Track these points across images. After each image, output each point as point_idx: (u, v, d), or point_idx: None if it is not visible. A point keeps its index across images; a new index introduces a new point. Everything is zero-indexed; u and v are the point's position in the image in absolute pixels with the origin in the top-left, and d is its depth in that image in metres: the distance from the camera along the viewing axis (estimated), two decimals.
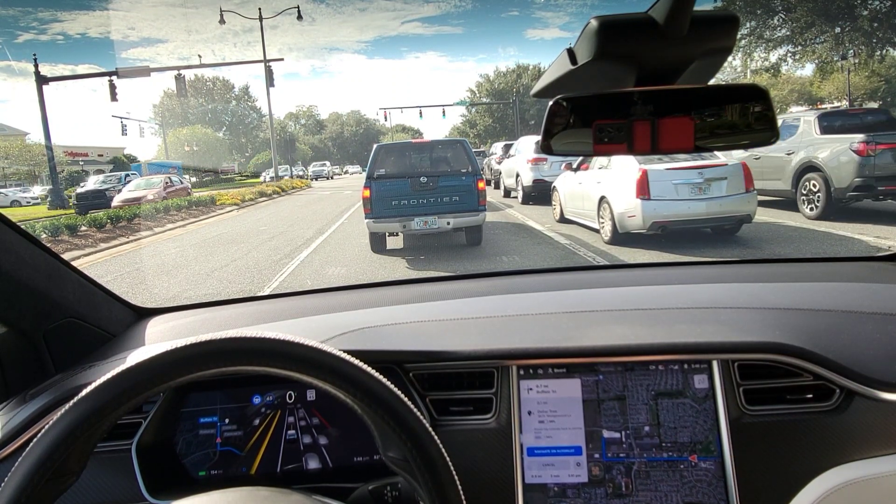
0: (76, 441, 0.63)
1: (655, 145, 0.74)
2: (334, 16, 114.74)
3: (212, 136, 58.33)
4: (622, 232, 7.18)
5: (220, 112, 68.42)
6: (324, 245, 9.36)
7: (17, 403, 1.06)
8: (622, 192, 7.06)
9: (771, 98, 0.75)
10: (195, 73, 67.16)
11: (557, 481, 0.98)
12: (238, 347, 0.67)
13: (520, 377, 1.02)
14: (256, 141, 68.05)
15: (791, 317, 1.08)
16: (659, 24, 0.65)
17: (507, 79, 63.79)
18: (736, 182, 6.81)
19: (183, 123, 60.73)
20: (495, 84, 64.72)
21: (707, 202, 6.71)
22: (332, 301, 1.40)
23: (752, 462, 0.96)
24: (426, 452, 0.68)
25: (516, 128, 52.15)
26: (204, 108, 66.94)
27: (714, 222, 6.94)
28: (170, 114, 63.23)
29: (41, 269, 1.10)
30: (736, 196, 6.79)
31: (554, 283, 1.44)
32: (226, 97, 69.29)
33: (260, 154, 61.09)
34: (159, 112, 63.23)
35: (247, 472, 1.05)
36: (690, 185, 6.74)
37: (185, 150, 52.67)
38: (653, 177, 6.74)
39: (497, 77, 65.19)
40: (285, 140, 69.47)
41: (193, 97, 66.38)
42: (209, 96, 68.24)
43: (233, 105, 69.08)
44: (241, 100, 68.42)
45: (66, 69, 76.98)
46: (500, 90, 63.55)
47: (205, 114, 66.32)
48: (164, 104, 64.90)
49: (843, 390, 0.98)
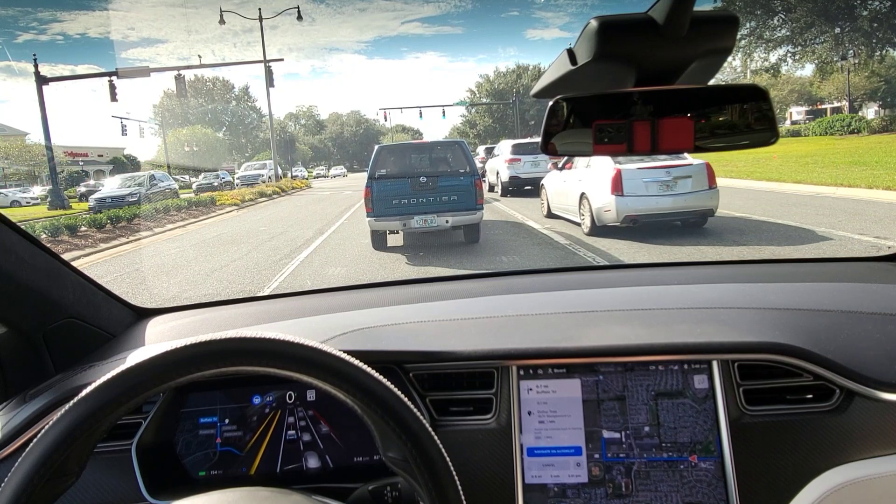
0: (76, 441, 0.63)
1: (655, 145, 0.74)
2: (334, 16, 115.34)
3: (212, 137, 58.24)
4: (599, 225, 8.03)
5: (220, 112, 68.49)
6: (323, 246, 9.36)
7: (17, 403, 1.06)
8: (599, 189, 7.89)
9: (771, 98, 0.75)
10: (195, 74, 67.17)
11: (557, 481, 0.98)
12: (237, 348, 0.67)
13: (520, 377, 1.02)
14: (256, 141, 68.04)
15: (791, 317, 1.08)
16: (659, 25, 0.66)
17: (507, 79, 63.87)
18: (700, 180, 7.60)
19: (183, 124, 60.66)
20: (495, 84, 64.80)
21: (674, 198, 7.55)
22: (332, 301, 1.40)
23: (752, 462, 0.96)
24: (426, 453, 0.68)
25: (516, 128, 52.16)
26: (204, 108, 66.97)
27: (680, 216, 7.76)
28: (170, 114, 63.24)
29: (41, 270, 1.10)
30: (700, 192, 7.60)
31: (554, 284, 1.44)
32: (226, 97, 69.40)
33: (260, 154, 61.00)
34: (159, 112, 63.28)
35: (247, 472, 1.05)
36: (659, 183, 7.56)
37: (185, 150, 52.33)
38: (626, 175, 7.54)
39: (497, 77, 65.25)
40: (285, 140, 69.44)
41: (193, 97, 66.41)
42: (209, 97, 68.31)
43: (233, 105, 69.16)
44: (241, 100, 68.49)
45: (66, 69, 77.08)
46: (500, 90, 63.61)
47: (205, 114, 66.34)
48: (164, 104, 64.96)
49: (842, 390, 0.98)
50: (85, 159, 49.68)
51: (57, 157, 25.23)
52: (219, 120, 67.71)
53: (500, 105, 61.81)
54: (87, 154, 51.55)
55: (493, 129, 63.62)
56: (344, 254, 8.46)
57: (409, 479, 0.70)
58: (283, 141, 69.01)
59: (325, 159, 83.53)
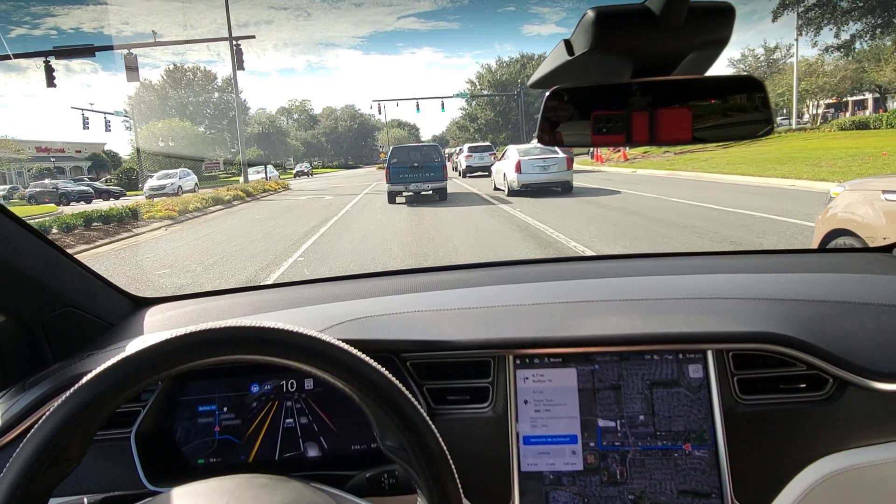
0: (76, 428, 0.68)
1: (653, 136, 0.79)
2: (330, 11, 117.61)
3: (190, 131, 57.24)
4: (511, 190, 16.03)
5: (201, 104, 67.44)
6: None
7: (16, 392, 1.13)
8: (511, 170, 15.95)
9: (766, 89, 0.82)
10: (174, 63, 66.83)
11: (553, 469, 1.06)
12: (234, 336, 0.71)
13: (516, 366, 1.09)
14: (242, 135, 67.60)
15: (785, 307, 1.15)
16: (655, 15, 0.71)
17: (510, 69, 63.40)
18: (562, 165, 15.57)
19: (161, 116, 59.85)
20: (497, 75, 64.29)
21: (547, 174, 15.57)
22: (330, 291, 1.48)
23: (746, 450, 1.03)
24: (423, 441, 0.73)
25: (521, 121, 52.11)
26: (184, 100, 66.29)
27: (551, 184, 15.63)
28: (146, 106, 62.41)
29: (40, 259, 1.17)
30: (561, 171, 15.57)
31: (550, 274, 1.53)
32: (207, 88, 68.60)
33: (247, 150, 60.63)
34: (136, 104, 62.30)
35: (245, 459, 1.12)
36: (540, 167, 15.53)
37: (160, 145, 50.58)
38: (523, 162, 15.54)
39: (500, 68, 64.77)
40: (266, 134, 68.96)
41: (172, 89, 65.81)
42: (189, 88, 67.59)
43: (215, 97, 68.23)
44: (225, 91, 67.34)
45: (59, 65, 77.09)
46: (502, 81, 63.15)
47: (185, 106, 65.63)
48: (140, 96, 64.11)
49: (835, 380, 1.05)
50: (60, 155, 49.25)
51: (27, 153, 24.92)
52: (200, 113, 67.00)
53: (502, 98, 61.56)
54: (64, 150, 51.09)
55: (496, 123, 63.23)
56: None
57: (407, 466, 0.75)
58: (263, 135, 68.76)
59: (318, 155, 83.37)
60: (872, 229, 3.68)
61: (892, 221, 3.56)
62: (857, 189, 4.05)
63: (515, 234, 9.33)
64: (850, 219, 3.90)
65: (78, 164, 49.36)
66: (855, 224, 3.86)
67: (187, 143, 54.61)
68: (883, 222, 3.61)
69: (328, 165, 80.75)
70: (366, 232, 11.03)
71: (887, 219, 3.58)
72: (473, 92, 65.27)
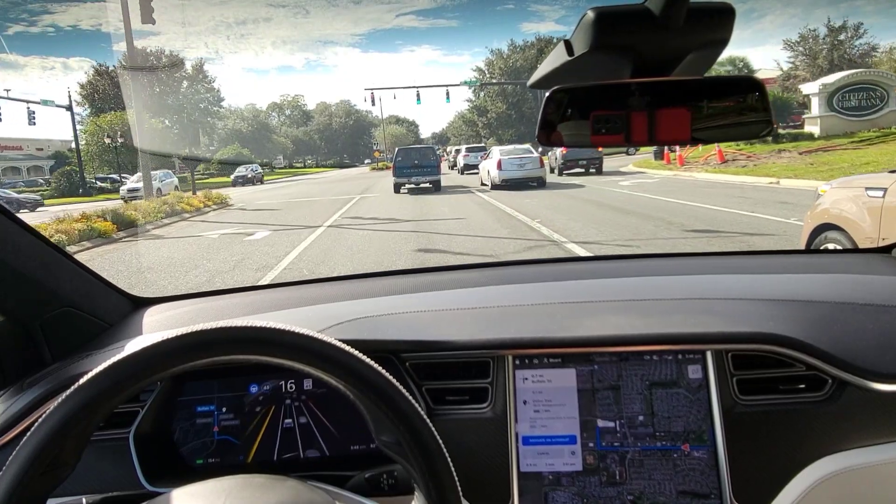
0: (71, 432, 0.75)
1: (653, 137, 0.91)
2: (328, 8, 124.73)
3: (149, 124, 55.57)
4: (494, 185, 22.04)
5: (164, 94, 65.56)
6: None
7: (13, 392, 1.30)
8: (493, 167, 22.29)
9: (766, 90, 0.93)
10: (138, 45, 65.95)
11: (552, 469, 1.21)
12: (231, 336, 0.80)
13: (515, 367, 1.25)
14: (214, 130, 66.70)
15: (784, 308, 1.31)
16: (655, 16, 0.80)
17: (525, 54, 62.21)
18: (535, 163, 21.80)
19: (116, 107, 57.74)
20: (510, 61, 63.23)
21: (523, 171, 21.56)
22: (328, 291, 1.67)
23: (745, 451, 1.18)
24: (419, 435, 0.81)
25: (537, 114, 52.02)
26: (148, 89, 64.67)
27: (527, 180, 21.47)
28: (99, 96, 59.55)
29: (38, 259, 1.35)
30: (535, 168, 21.74)
31: (549, 274, 1.71)
32: (174, 76, 67.17)
33: (226, 148, 60.29)
34: (88, 94, 59.54)
35: (244, 460, 1.29)
36: (517, 165, 21.62)
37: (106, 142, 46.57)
38: (503, 161, 21.79)
39: (513, 53, 63.79)
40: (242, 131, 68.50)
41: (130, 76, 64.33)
42: (152, 74, 66.06)
43: (184, 87, 66.12)
44: (195, 80, 65.61)
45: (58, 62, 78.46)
46: (516, 68, 61.83)
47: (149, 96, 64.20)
48: (93, 84, 61.03)
49: (834, 380, 1.20)
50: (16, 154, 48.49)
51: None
52: (162, 103, 65.31)
53: (515, 88, 60.73)
54: (21, 147, 50.26)
55: (508, 116, 62.54)
56: None
57: (404, 462, 0.84)
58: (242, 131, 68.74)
59: (311, 153, 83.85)
60: (856, 224, 4.49)
61: (873, 217, 4.35)
62: (844, 187, 4.91)
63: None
64: (836, 214, 4.74)
65: (39, 163, 48.68)
66: (840, 219, 4.67)
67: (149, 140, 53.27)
68: (866, 217, 4.42)
69: (322, 164, 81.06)
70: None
71: (869, 214, 4.39)
72: (483, 80, 64.70)
